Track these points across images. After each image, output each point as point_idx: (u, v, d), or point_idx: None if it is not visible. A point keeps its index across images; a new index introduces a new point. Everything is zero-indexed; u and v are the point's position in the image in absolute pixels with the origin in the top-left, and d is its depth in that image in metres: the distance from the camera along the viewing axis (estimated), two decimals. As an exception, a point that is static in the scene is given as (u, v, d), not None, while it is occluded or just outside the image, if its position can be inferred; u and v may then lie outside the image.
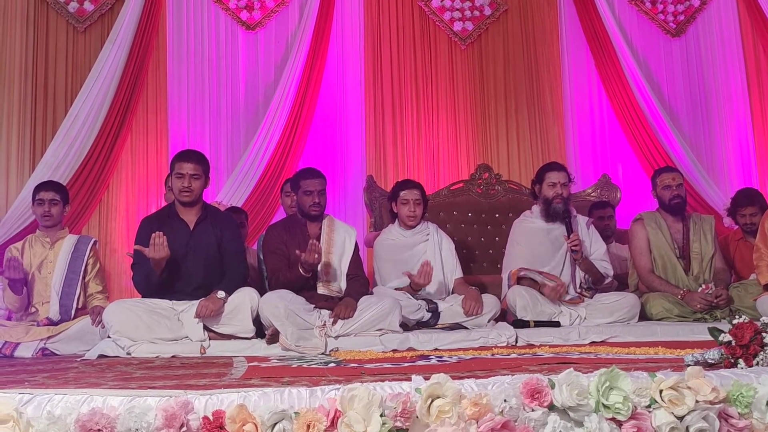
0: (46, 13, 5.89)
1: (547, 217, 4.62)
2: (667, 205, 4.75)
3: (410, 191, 4.61)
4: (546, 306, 4.29)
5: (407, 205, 4.58)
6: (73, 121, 5.63)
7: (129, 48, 5.82)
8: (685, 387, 1.83)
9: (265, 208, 5.90)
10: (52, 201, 4.50)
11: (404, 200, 4.59)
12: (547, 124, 6.55)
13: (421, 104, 6.41)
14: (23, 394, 1.80)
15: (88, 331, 4.13)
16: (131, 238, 4.78)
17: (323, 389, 1.82)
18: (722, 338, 2.35)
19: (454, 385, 1.77)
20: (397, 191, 4.66)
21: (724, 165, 6.58)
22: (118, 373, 2.77)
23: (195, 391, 1.84)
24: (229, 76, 6.14)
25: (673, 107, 6.67)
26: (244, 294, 3.85)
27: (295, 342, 3.64)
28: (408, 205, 4.58)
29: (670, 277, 4.66)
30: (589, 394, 1.80)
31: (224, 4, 6.18)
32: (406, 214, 4.58)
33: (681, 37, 6.81)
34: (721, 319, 4.29)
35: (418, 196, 4.60)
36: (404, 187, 4.65)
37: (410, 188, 4.63)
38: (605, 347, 3.50)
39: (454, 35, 6.53)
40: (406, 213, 4.58)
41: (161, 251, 3.75)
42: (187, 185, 4.00)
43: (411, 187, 4.64)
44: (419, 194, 4.61)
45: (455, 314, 4.24)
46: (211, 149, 5.88)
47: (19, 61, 5.75)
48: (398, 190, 4.67)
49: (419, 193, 4.62)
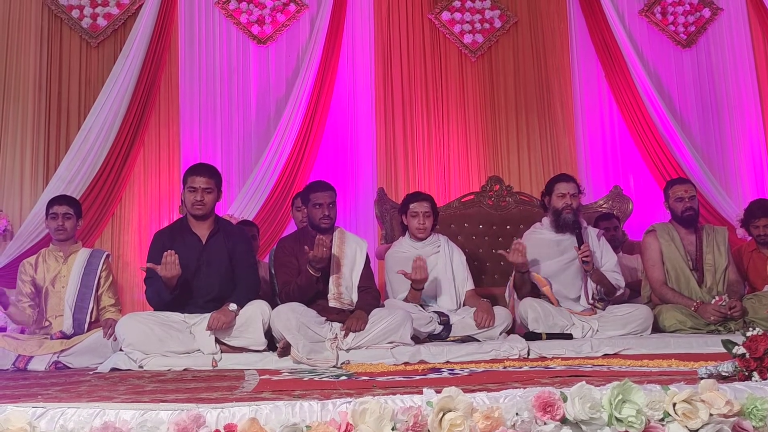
0: (60, 29, 5.95)
1: (557, 229, 4.60)
2: (679, 217, 4.73)
3: (419, 204, 4.60)
4: (558, 318, 4.28)
5: (417, 218, 4.58)
6: (86, 135, 5.68)
7: (141, 63, 5.87)
8: (698, 400, 1.82)
9: (276, 221, 5.91)
10: (65, 215, 4.53)
11: (414, 213, 4.59)
12: (558, 136, 6.55)
13: (431, 116, 6.42)
14: (36, 408, 1.80)
15: (101, 344, 4.14)
16: (144, 252, 4.82)
17: (335, 402, 1.82)
18: (736, 351, 2.33)
19: (465, 399, 1.77)
20: (407, 204, 4.66)
21: (737, 176, 6.55)
22: (130, 387, 2.77)
23: (207, 404, 1.84)
24: (240, 90, 6.18)
25: (685, 118, 6.65)
26: (256, 307, 3.86)
27: (306, 355, 3.64)
28: (417, 218, 4.57)
29: (683, 289, 4.63)
30: (602, 408, 1.79)
31: (235, 19, 6.23)
32: (415, 226, 4.57)
33: (692, 48, 6.80)
34: (734, 331, 4.25)
35: (428, 209, 4.59)
36: (414, 200, 4.65)
37: (420, 201, 4.62)
38: (618, 360, 3.47)
39: (465, 48, 6.55)
40: (415, 225, 4.57)
41: (173, 270, 3.78)
42: (200, 199, 4.03)
43: (420, 200, 4.63)
44: (429, 207, 4.61)
45: (467, 327, 4.23)
46: (222, 163, 5.90)
47: (33, 76, 5.81)
48: (408, 202, 4.66)
49: (429, 206, 4.61)
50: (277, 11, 6.27)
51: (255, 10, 6.23)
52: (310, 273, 4.03)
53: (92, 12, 5.94)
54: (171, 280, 3.81)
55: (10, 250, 5.45)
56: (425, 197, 4.67)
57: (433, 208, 4.63)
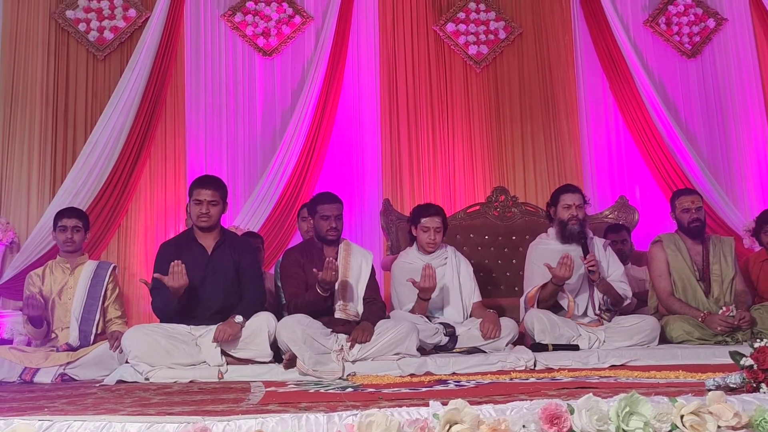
0: (67, 42, 5.99)
1: (562, 239, 4.59)
2: (686, 228, 4.71)
3: (431, 219, 4.52)
4: (564, 329, 4.26)
5: (428, 233, 4.51)
6: (92, 147, 5.70)
7: (148, 75, 5.91)
8: (706, 412, 1.81)
9: (281, 233, 5.92)
10: (74, 228, 4.54)
11: (425, 227, 4.52)
12: (563, 147, 6.55)
13: (436, 127, 6.43)
14: (43, 421, 1.81)
15: (107, 356, 4.14)
16: (150, 263, 4.82)
17: (341, 415, 1.82)
18: (744, 362, 2.31)
19: (472, 411, 1.76)
20: (418, 217, 4.57)
21: (743, 185, 6.54)
22: (136, 399, 2.77)
23: (213, 417, 1.84)
24: (246, 102, 6.20)
25: (690, 128, 6.64)
26: (262, 318, 3.86)
27: (312, 366, 3.63)
28: (429, 233, 4.51)
29: (690, 300, 4.61)
30: (609, 420, 1.78)
31: (241, 31, 6.26)
32: (425, 241, 4.53)
33: (697, 58, 6.80)
34: (742, 341, 4.23)
35: (439, 224, 4.52)
36: (425, 214, 4.56)
37: (431, 215, 4.53)
38: (625, 371, 3.46)
39: (469, 59, 6.56)
40: (425, 240, 4.53)
41: (180, 280, 3.78)
42: (206, 211, 4.04)
43: (432, 215, 4.53)
44: (440, 222, 4.53)
45: (473, 338, 4.21)
46: (228, 174, 5.91)
47: (40, 89, 5.84)
48: (419, 215, 4.58)
49: (440, 221, 4.53)
50: (283, 23, 6.31)
51: (260, 22, 6.26)
52: (319, 293, 4.03)
53: (99, 25, 5.98)
54: (178, 290, 3.81)
55: (17, 262, 5.47)
56: (437, 211, 4.57)
57: (443, 222, 4.57)
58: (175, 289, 3.81)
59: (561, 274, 4.27)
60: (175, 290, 3.82)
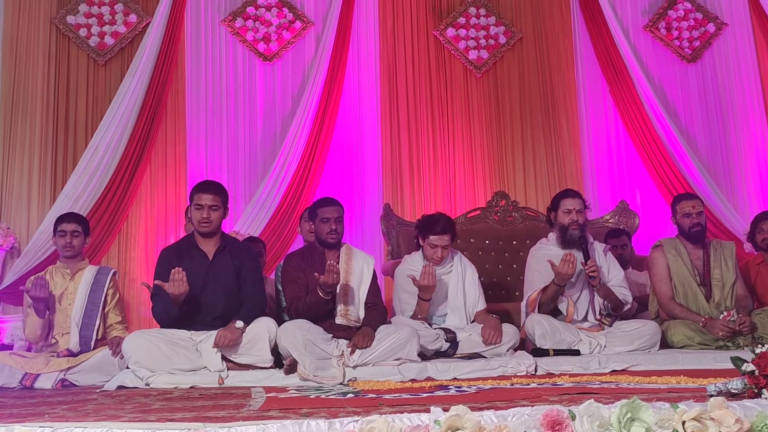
0: (68, 47, 6.00)
1: (563, 244, 4.58)
2: (687, 233, 4.71)
3: (440, 237, 4.39)
4: (565, 334, 4.25)
5: (435, 250, 4.42)
6: (93, 152, 5.71)
7: (148, 80, 5.92)
8: (708, 418, 1.80)
9: (282, 238, 5.92)
10: (74, 233, 4.54)
11: (433, 245, 4.41)
12: (564, 151, 6.55)
13: (437, 132, 6.44)
14: (43, 427, 1.80)
15: (108, 362, 4.14)
16: (150, 268, 4.82)
17: (342, 421, 1.82)
18: (745, 368, 2.31)
19: (473, 417, 1.76)
20: (428, 233, 4.42)
21: (744, 190, 6.55)
22: (137, 405, 2.77)
23: (213, 423, 1.84)
24: (246, 107, 6.21)
25: (691, 133, 6.65)
26: (262, 324, 3.85)
27: (313, 372, 3.63)
28: (436, 250, 4.41)
29: (691, 305, 4.61)
30: (611, 426, 1.78)
31: (242, 36, 6.27)
32: (432, 257, 4.44)
33: (697, 63, 6.82)
34: (743, 346, 4.23)
35: (448, 242, 4.43)
36: (434, 231, 4.40)
37: (440, 234, 4.39)
38: (626, 376, 3.46)
39: (470, 63, 6.57)
40: (432, 256, 4.43)
41: (180, 287, 3.78)
42: (206, 216, 4.04)
43: (440, 233, 4.39)
44: (449, 240, 4.43)
45: (474, 344, 4.20)
46: (228, 179, 5.92)
47: (40, 94, 5.86)
48: (428, 231, 4.43)
49: (449, 239, 4.43)
50: (283, 28, 6.32)
51: (261, 27, 6.28)
52: (320, 296, 4.02)
53: (100, 31, 6.00)
54: (178, 297, 3.82)
55: (18, 267, 5.47)
56: (445, 228, 4.41)
57: (452, 237, 4.46)
58: (176, 296, 3.81)
59: (564, 271, 4.26)
60: (176, 297, 3.81)
